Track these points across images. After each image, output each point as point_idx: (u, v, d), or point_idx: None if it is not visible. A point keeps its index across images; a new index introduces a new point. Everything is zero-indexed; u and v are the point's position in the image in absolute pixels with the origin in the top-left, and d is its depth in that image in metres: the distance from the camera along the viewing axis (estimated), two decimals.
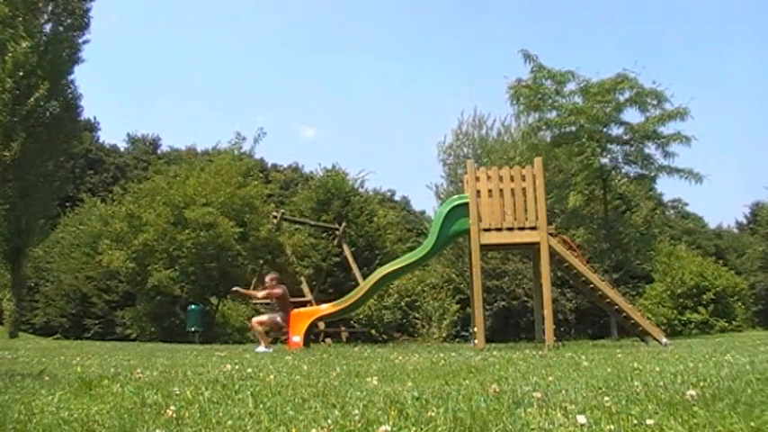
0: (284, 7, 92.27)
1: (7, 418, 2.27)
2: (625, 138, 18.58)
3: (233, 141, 21.05)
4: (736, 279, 25.87)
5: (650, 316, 19.93)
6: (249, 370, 4.38)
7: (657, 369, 3.75)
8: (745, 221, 43.51)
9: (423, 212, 42.23)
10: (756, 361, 4.14)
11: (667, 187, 56.68)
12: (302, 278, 19.20)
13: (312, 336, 13.08)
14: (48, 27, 18.58)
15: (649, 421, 1.99)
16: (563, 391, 2.76)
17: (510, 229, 10.41)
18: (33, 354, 7.44)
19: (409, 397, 2.63)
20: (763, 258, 33.76)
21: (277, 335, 10.48)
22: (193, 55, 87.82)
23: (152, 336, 18.50)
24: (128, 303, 22.11)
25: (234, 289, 11.37)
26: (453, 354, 6.54)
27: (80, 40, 18.91)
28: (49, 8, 18.52)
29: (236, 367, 4.63)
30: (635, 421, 2.04)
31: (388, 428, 1.98)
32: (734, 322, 23.81)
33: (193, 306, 16.68)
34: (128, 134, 52.47)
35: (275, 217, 18.99)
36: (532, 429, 2.01)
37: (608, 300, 11.16)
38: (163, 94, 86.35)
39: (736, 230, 44.18)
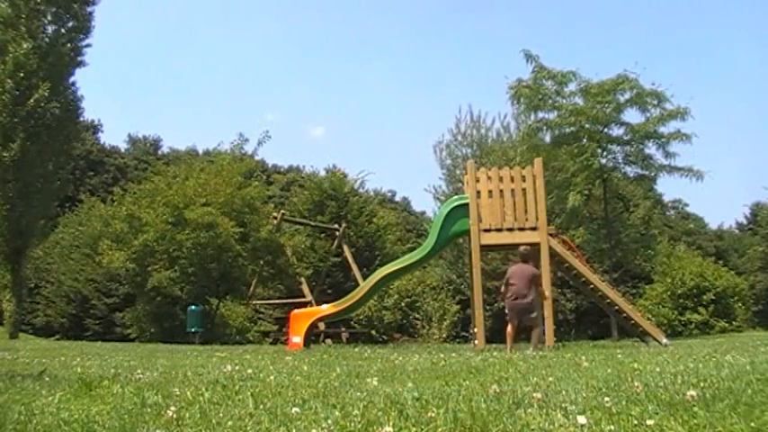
0: (294, 7, 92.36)
1: (7, 419, 2.27)
2: (625, 138, 18.57)
3: (235, 142, 20.91)
4: (737, 279, 25.82)
5: (650, 316, 19.90)
6: (249, 371, 4.38)
7: (658, 369, 3.75)
8: (745, 222, 43.42)
9: (423, 213, 42.28)
10: (756, 362, 4.14)
11: (668, 188, 56.64)
12: (302, 279, 19.22)
13: (312, 336, 13.10)
14: (49, 29, 18.55)
15: (649, 422, 1.99)
16: (563, 392, 2.76)
17: (510, 229, 10.43)
18: (34, 354, 7.44)
19: (409, 397, 2.63)
20: (763, 259, 33.71)
21: None
22: (203, 54, 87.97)
23: (152, 336, 18.48)
24: (128, 306, 22.08)
25: None
26: (453, 354, 6.54)
27: (82, 44, 18.88)
28: (52, 10, 18.49)
29: (237, 368, 4.63)
30: (635, 422, 2.04)
31: (390, 430, 1.98)
32: (734, 323, 23.78)
33: (193, 307, 16.66)
34: (128, 135, 52.47)
35: (275, 218, 18.98)
36: (533, 430, 2.01)
37: (608, 300, 11.17)
38: (170, 95, 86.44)
39: (737, 231, 44.08)
